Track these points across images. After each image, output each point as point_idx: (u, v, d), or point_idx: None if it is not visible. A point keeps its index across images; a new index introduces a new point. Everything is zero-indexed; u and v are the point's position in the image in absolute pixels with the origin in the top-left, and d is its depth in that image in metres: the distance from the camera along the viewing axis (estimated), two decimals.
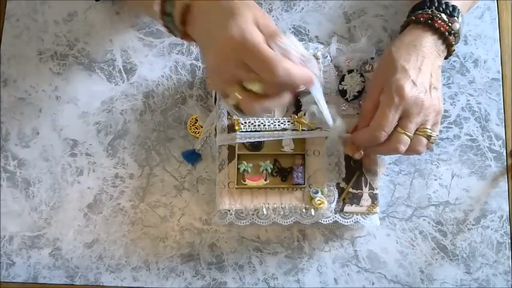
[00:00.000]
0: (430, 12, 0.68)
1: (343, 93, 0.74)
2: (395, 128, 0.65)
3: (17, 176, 0.80)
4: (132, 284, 0.76)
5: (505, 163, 0.77)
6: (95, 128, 0.80)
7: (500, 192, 0.77)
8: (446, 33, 0.67)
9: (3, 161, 0.80)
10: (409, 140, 0.65)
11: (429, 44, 0.67)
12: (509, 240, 0.76)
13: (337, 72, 0.75)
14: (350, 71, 0.74)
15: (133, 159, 0.79)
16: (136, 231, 0.77)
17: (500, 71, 0.80)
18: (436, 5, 0.68)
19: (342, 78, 0.74)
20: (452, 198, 0.77)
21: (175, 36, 0.62)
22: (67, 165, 0.79)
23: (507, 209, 0.76)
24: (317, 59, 0.74)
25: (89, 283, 0.77)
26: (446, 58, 0.70)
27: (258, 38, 0.54)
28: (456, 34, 0.68)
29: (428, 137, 0.66)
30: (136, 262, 0.77)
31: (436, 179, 0.77)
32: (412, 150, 0.66)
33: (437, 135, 0.67)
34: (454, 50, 0.69)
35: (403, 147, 0.65)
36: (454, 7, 0.68)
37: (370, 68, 0.75)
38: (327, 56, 0.75)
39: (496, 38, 0.80)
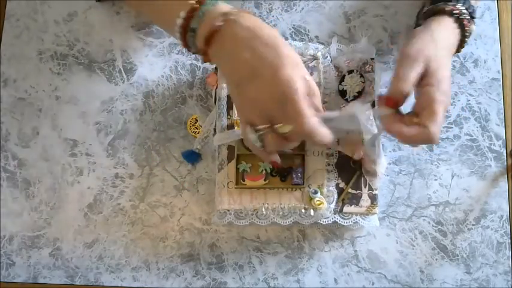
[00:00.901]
0: (460, 6, 0.68)
1: (343, 93, 0.74)
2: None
3: (17, 176, 0.80)
4: (132, 284, 0.76)
5: (505, 163, 0.77)
6: (95, 128, 0.80)
7: (500, 192, 0.77)
8: (467, 33, 0.68)
9: (3, 161, 0.80)
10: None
11: (453, 39, 0.67)
12: (509, 240, 0.76)
13: (337, 73, 0.75)
14: (350, 71, 0.74)
15: (133, 159, 0.79)
16: (136, 231, 0.77)
17: (501, 71, 0.80)
18: (463, 1, 0.68)
19: (342, 79, 0.74)
20: (452, 198, 0.77)
21: (191, 51, 0.63)
22: (67, 165, 0.79)
23: (507, 209, 0.76)
24: (317, 59, 0.74)
25: (89, 283, 0.77)
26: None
27: (303, 91, 0.57)
28: (469, 34, 0.69)
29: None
30: (136, 262, 0.77)
31: (436, 179, 0.77)
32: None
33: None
34: (463, 47, 0.70)
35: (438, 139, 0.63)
36: (474, 8, 0.69)
37: (370, 68, 0.74)
38: (327, 56, 0.75)
39: (496, 38, 0.80)
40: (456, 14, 0.67)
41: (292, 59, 0.58)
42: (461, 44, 0.69)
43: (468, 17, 0.68)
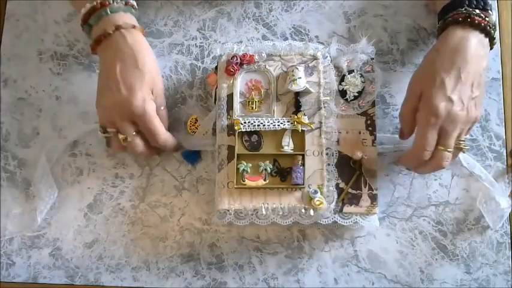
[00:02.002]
0: (464, 10, 0.68)
1: (343, 93, 0.74)
2: (436, 147, 0.67)
3: (17, 176, 0.80)
4: (132, 284, 0.76)
5: (505, 163, 0.77)
6: (95, 128, 0.80)
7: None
8: (488, 27, 0.68)
9: (3, 161, 0.80)
10: (451, 154, 0.67)
11: (473, 44, 0.67)
12: (509, 240, 0.76)
13: (337, 73, 0.75)
14: (350, 72, 0.74)
15: (133, 159, 0.79)
16: (137, 231, 0.77)
17: (501, 71, 0.80)
18: (467, 2, 0.68)
19: (342, 79, 0.74)
20: (452, 198, 0.77)
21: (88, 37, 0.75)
22: (67, 165, 0.79)
23: None
24: (317, 59, 0.74)
25: (89, 283, 0.77)
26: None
27: (153, 109, 0.70)
28: (494, 27, 0.69)
29: (462, 149, 0.69)
30: (136, 262, 0.77)
31: (436, 179, 0.77)
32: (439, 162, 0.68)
33: (466, 141, 0.70)
34: (495, 42, 0.70)
35: (446, 163, 0.68)
36: (484, 1, 0.69)
37: (370, 68, 0.75)
38: (327, 56, 0.75)
39: (496, 37, 0.80)
40: (460, 20, 0.68)
41: (151, 86, 0.71)
42: (490, 35, 0.69)
43: (475, 12, 0.67)
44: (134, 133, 0.71)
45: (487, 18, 0.68)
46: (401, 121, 0.71)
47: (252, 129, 0.72)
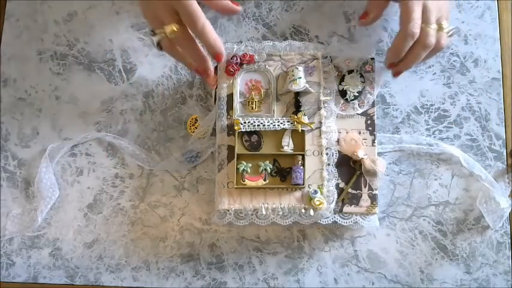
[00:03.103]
0: None
1: (343, 93, 0.74)
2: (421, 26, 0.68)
3: (17, 176, 0.80)
4: (132, 284, 0.76)
5: (505, 163, 0.77)
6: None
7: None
8: None
9: (3, 161, 0.80)
10: (435, 32, 0.69)
11: None
12: (509, 240, 0.76)
13: (337, 73, 0.75)
14: (350, 71, 0.74)
15: (133, 159, 0.79)
16: (137, 231, 0.77)
17: (501, 71, 0.80)
18: None
19: (342, 79, 0.74)
20: (452, 198, 0.77)
21: None
22: (67, 165, 0.79)
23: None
24: (317, 59, 0.74)
25: (89, 283, 0.77)
26: None
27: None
28: None
29: (447, 32, 0.70)
30: (136, 262, 0.77)
31: (436, 179, 0.77)
32: (436, 46, 0.69)
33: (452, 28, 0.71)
34: None
35: (433, 39, 0.69)
36: None
37: (370, 68, 0.74)
38: (326, 56, 0.75)
39: (496, 37, 0.80)
40: None
41: None
42: None
43: None
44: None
45: None
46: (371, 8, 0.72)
47: (252, 129, 0.72)
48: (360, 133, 0.73)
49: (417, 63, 0.71)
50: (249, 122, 0.72)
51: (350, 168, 0.72)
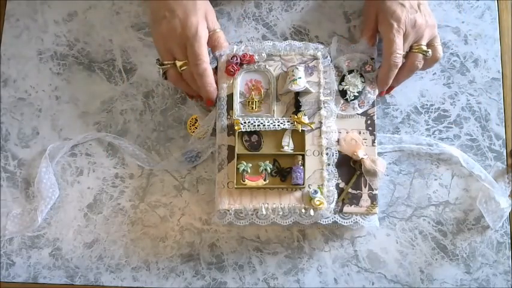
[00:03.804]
0: None
1: (343, 93, 0.74)
2: (407, 51, 0.73)
3: (17, 176, 0.80)
4: (132, 284, 0.76)
5: (505, 163, 0.77)
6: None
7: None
8: None
9: (3, 161, 0.80)
10: (420, 55, 0.73)
11: None
12: (509, 240, 0.76)
13: (337, 73, 0.75)
14: (350, 71, 0.74)
15: (133, 159, 0.79)
16: (137, 231, 0.77)
17: (501, 71, 0.80)
18: None
19: (342, 79, 0.75)
20: (452, 198, 0.77)
21: None
22: (67, 165, 0.79)
23: None
24: (317, 59, 0.74)
25: (89, 283, 0.77)
26: None
27: (204, 34, 0.72)
28: None
29: (424, 52, 0.72)
30: (136, 262, 0.77)
31: (436, 179, 0.77)
32: (409, 66, 0.73)
33: (440, 48, 0.74)
34: None
35: (418, 64, 0.73)
36: None
37: (370, 68, 0.75)
38: (327, 56, 0.75)
39: (496, 37, 0.80)
40: None
41: (204, 11, 0.73)
42: None
43: None
44: None
45: None
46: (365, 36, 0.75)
47: (252, 129, 0.72)
48: (360, 133, 0.73)
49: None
50: (249, 122, 0.72)
51: (350, 168, 0.72)
